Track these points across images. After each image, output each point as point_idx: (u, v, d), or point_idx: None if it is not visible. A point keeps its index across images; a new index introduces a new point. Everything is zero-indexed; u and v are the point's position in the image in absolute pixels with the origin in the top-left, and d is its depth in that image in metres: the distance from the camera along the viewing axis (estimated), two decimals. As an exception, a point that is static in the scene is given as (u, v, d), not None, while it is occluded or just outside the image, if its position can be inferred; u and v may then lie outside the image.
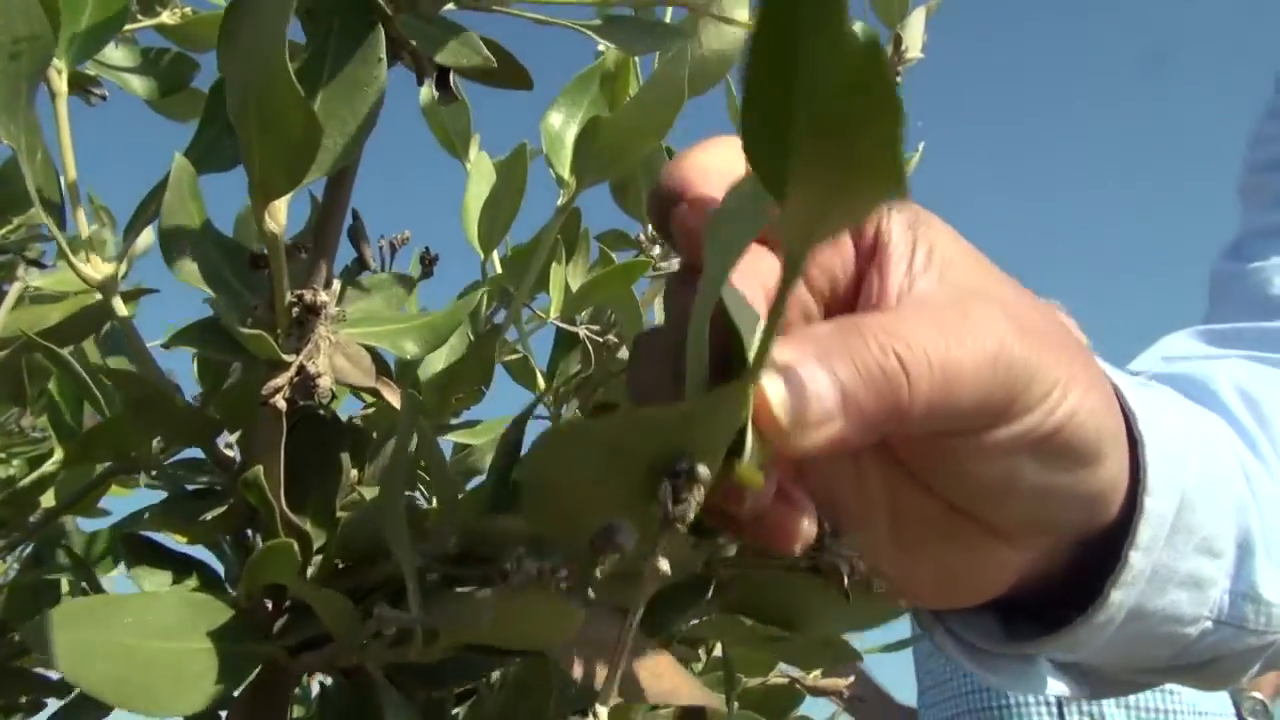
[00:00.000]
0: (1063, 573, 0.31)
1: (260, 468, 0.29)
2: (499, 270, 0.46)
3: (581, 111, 0.47)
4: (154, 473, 0.42)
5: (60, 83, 0.36)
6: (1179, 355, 0.46)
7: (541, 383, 0.51)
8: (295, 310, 0.31)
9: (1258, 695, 1.40)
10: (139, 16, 0.48)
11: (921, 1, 0.55)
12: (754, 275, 0.23)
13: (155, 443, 0.43)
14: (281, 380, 0.29)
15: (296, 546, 0.27)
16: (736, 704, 0.48)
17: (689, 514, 0.20)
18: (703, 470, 0.19)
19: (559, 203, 0.49)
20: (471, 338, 0.41)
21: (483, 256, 0.44)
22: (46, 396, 0.46)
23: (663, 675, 0.27)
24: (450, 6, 0.35)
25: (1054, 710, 1.31)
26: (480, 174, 0.46)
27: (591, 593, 0.21)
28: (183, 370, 0.44)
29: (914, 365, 0.22)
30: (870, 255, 0.26)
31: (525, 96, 0.38)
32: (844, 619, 0.33)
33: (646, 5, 0.36)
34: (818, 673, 0.57)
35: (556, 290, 0.48)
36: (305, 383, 0.30)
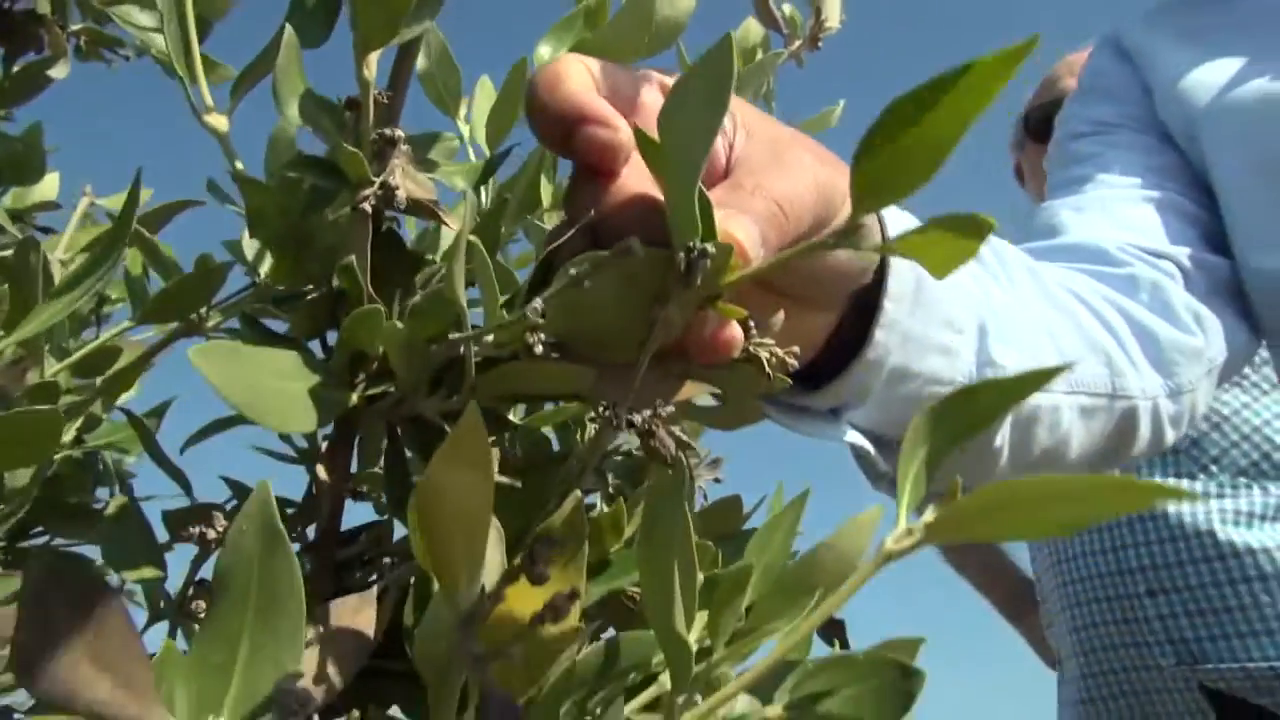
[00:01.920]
0: (853, 341, 0.41)
1: (353, 258, 0.39)
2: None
3: (567, 45, 0.57)
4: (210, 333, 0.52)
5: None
6: None
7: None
8: (376, 144, 0.40)
9: None
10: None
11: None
12: None
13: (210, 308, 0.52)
14: (369, 191, 0.39)
15: (383, 310, 0.37)
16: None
17: (699, 278, 0.29)
18: (710, 248, 0.29)
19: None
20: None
21: (488, 153, 0.54)
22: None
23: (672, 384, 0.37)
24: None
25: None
26: (484, 93, 0.57)
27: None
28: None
29: (784, 202, 0.32)
30: None
31: (515, 45, 0.49)
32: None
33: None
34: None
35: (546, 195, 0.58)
36: (388, 194, 0.39)
